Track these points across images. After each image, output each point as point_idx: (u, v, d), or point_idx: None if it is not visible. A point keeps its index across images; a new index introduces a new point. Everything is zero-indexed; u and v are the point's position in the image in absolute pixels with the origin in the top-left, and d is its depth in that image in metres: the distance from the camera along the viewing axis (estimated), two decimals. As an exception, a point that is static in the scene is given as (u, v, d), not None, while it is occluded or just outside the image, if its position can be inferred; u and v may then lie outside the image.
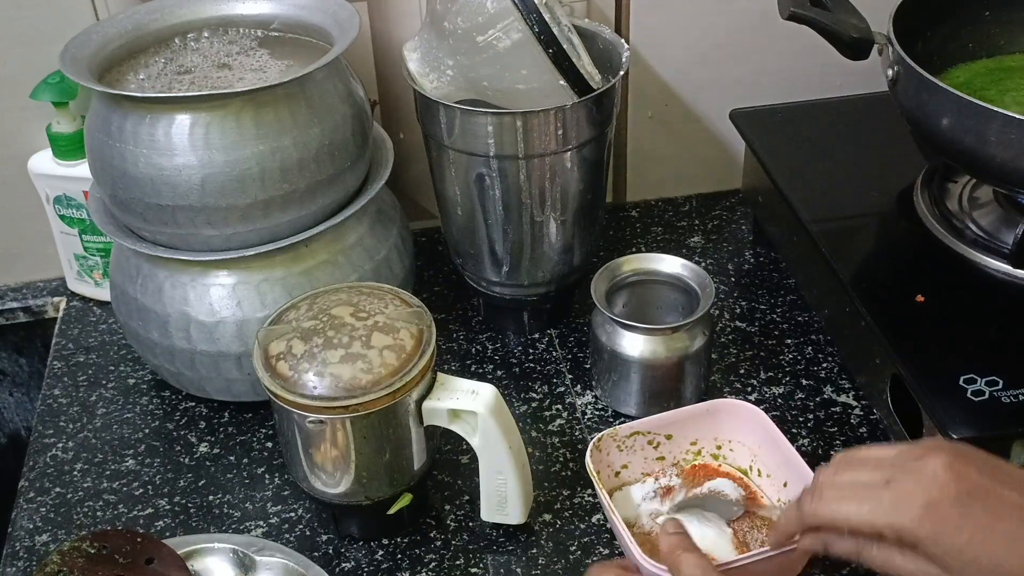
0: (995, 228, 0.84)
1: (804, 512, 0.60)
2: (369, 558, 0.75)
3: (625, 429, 0.76)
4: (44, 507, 0.80)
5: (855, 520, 0.56)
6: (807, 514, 0.59)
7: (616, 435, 0.76)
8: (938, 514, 0.53)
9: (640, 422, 0.77)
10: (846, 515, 0.57)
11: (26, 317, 1.02)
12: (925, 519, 0.53)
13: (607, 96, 0.82)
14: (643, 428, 0.77)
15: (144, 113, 0.75)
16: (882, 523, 0.55)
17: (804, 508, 0.60)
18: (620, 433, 0.76)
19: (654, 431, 0.77)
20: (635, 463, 0.77)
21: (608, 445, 0.76)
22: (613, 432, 0.76)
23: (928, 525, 0.53)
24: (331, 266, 0.82)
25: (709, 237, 1.05)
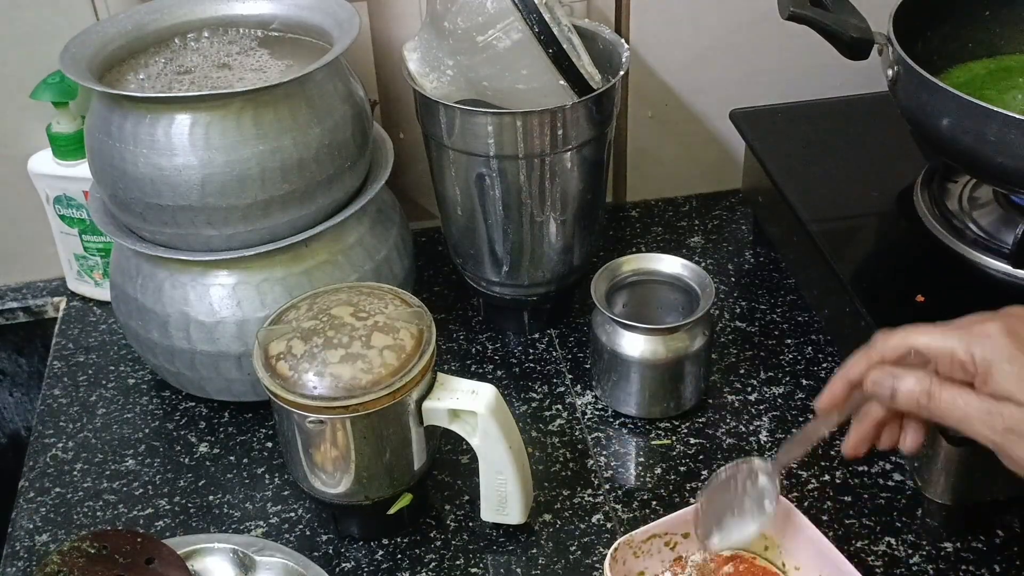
0: (995, 228, 0.84)
1: (874, 347, 0.59)
2: (369, 558, 0.75)
3: (641, 534, 0.71)
4: (44, 507, 0.80)
5: (934, 346, 0.56)
6: (877, 347, 0.59)
7: (632, 542, 0.71)
8: (1017, 338, 0.54)
9: (657, 525, 0.72)
10: (925, 341, 0.57)
11: (26, 317, 1.02)
12: (1005, 344, 0.54)
13: (607, 96, 0.82)
14: (660, 530, 0.72)
15: (144, 113, 0.75)
16: (960, 348, 0.55)
17: (873, 344, 0.59)
18: (636, 539, 0.71)
19: (671, 532, 0.72)
20: (652, 567, 0.72)
21: (624, 554, 0.71)
22: (629, 539, 0.71)
23: (1008, 348, 0.54)
24: (331, 266, 0.82)
25: (709, 237, 1.05)
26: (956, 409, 0.56)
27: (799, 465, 0.80)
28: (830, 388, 0.63)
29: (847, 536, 0.74)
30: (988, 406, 0.55)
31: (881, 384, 0.59)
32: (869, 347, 0.61)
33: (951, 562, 0.72)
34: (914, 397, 0.58)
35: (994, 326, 0.56)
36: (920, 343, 0.58)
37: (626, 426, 0.84)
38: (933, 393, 0.57)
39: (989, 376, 0.55)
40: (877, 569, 0.72)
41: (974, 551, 0.73)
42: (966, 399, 0.56)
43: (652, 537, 0.72)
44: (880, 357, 0.60)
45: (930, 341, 0.57)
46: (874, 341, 0.61)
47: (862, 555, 0.73)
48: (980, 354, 0.55)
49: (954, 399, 0.56)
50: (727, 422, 0.84)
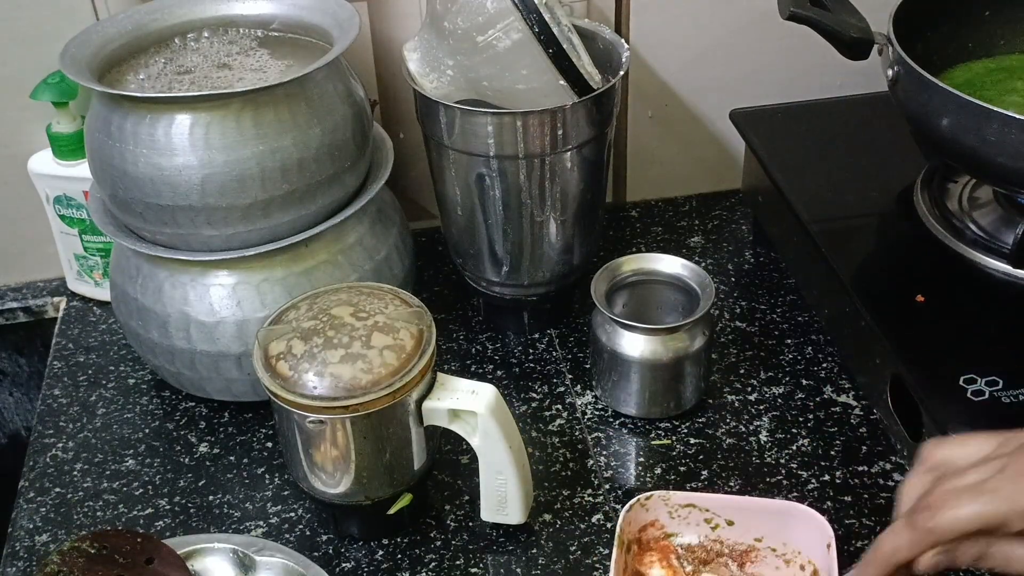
0: (995, 228, 0.84)
1: (921, 531, 0.56)
2: (369, 558, 0.75)
3: (680, 497, 0.71)
4: (44, 507, 0.80)
5: (984, 518, 0.54)
6: (926, 532, 0.56)
7: (668, 500, 0.70)
8: None
9: (700, 496, 0.71)
10: (970, 517, 0.54)
11: (26, 317, 1.02)
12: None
13: (607, 96, 0.82)
14: (702, 503, 0.71)
15: (144, 113, 0.75)
16: (1012, 512, 0.53)
17: (920, 526, 0.56)
18: (673, 500, 0.71)
19: (713, 510, 0.71)
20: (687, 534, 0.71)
21: (658, 506, 0.71)
22: (665, 496, 0.70)
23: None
24: (331, 266, 0.82)
25: (709, 237, 1.05)
26: (1017, 565, 0.55)
27: (798, 465, 0.80)
28: (871, 568, 0.60)
29: (847, 536, 0.74)
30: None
31: (940, 564, 0.57)
32: (913, 527, 0.57)
33: (951, 562, 0.72)
34: (972, 560, 0.56)
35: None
36: (972, 521, 0.54)
37: (626, 426, 0.84)
38: (989, 553, 0.55)
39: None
40: (877, 569, 0.72)
41: (974, 551, 0.73)
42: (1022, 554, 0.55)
43: (690, 506, 0.71)
44: (931, 544, 0.57)
45: (978, 515, 0.54)
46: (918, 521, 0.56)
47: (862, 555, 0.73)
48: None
49: (1013, 556, 0.55)
50: (727, 422, 0.84)
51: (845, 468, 0.79)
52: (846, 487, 0.78)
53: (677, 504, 0.71)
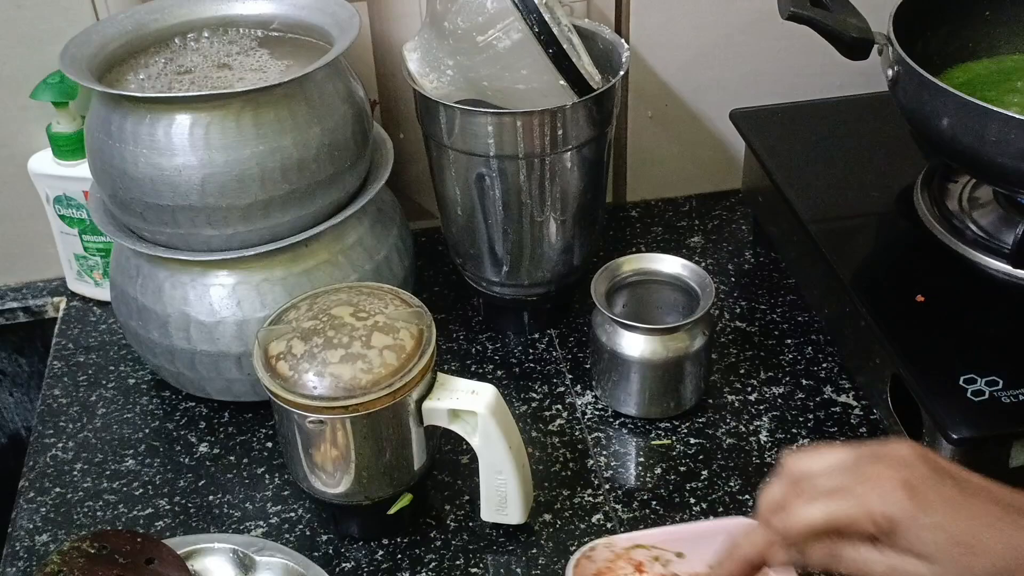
0: (995, 228, 0.84)
1: (773, 529, 0.58)
2: (369, 558, 0.75)
3: (624, 540, 0.67)
4: (44, 507, 0.80)
5: (833, 517, 0.55)
6: (778, 530, 0.58)
7: (613, 546, 0.66)
8: (914, 492, 0.53)
9: (644, 533, 0.67)
10: (822, 515, 0.56)
11: (26, 317, 1.02)
12: (902, 499, 0.53)
13: (607, 96, 0.82)
14: (648, 542, 0.67)
15: (144, 113, 0.75)
16: (860, 513, 0.54)
17: (773, 525, 0.58)
18: (617, 544, 0.66)
19: (660, 546, 0.67)
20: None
21: (603, 555, 0.66)
22: (609, 542, 0.66)
23: (906, 504, 0.53)
24: (331, 266, 0.82)
25: (709, 237, 1.05)
26: (868, 568, 0.55)
27: (799, 465, 0.80)
28: (728, 564, 0.61)
29: (847, 536, 0.74)
30: (892, 562, 0.54)
31: (790, 563, 0.59)
32: (768, 526, 0.59)
33: (951, 562, 0.72)
34: (823, 561, 0.57)
35: (889, 480, 0.54)
36: (818, 520, 0.56)
37: (626, 426, 0.84)
38: (841, 556, 0.56)
39: (894, 535, 0.54)
40: (877, 569, 0.72)
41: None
42: (869, 557, 0.55)
43: (636, 547, 0.67)
44: (785, 540, 0.58)
45: (827, 514, 0.56)
46: (762, 514, 0.59)
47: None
48: (880, 512, 0.54)
49: (862, 558, 0.55)
50: (727, 422, 0.84)
51: (845, 468, 0.79)
52: None
53: (623, 548, 0.67)
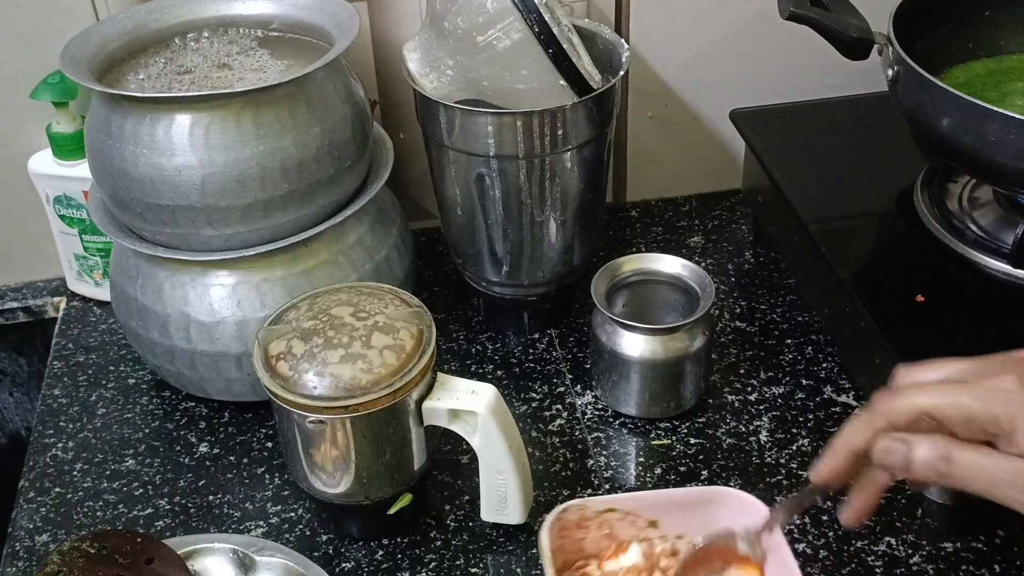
0: (995, 228, 0.84)
1: (875, 409, 0.52)
2: (369, 558, 0.75)
3: (598, 503, 0.64)
4: (44, 507, 0.80)
5: (946, 405, 0.50)
6: (880, 409, 0.52)
7: (585, 509, 0.64)
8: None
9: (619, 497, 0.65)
10: (937, 403, 0.50)
11: (26, 317, 1.02)
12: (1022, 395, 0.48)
13: (607, 96, 0.82)
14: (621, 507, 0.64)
15: (144, 113, 0.75)
16: (979, 407, 0.49)
17: (877, 407, 0.52)
18: (590, 508, 0.64)
19: (635, 511, 0.65)
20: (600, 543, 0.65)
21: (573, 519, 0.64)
22: (582, 505, 0.64)
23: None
24: (331, 266, 0.82)
25: (709, 237, 1.05)
26: (982, 473, 0.50)
27: (798, 465, 0.80)
28: (830, 458, 0.56)
29: (847, 536, 0.74)
30: (1019, 466, 0.49)
31: (893, 454, 0.53)
32: (871, 410, 0.54)
33: (951, 562, 0.72)
34: (931, 465, 0.51)
35: (1009, 379, 0.51)
36: (931, 406, 0.51)
37: (626, 426, 0.84)
38: (953, 458, 0.50)
39: (1015, 434, 0.49)
40: (877, 569, 0.72)
41: (974, 551, 0.73)
42: (993, 461, 0.49)
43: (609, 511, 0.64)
44: (887, 423, 0.53)
45: (943, 402, 0.51)
46: (876, 403, 0.54)
47: (862, 555, 0.73)
48: (1002, 413, 0.49)
49: (979, 463, 0.50)
50: (727, 422, 0.84)
51: (845, 468, 0.79)
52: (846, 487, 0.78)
53: (594, 511, 0.65)
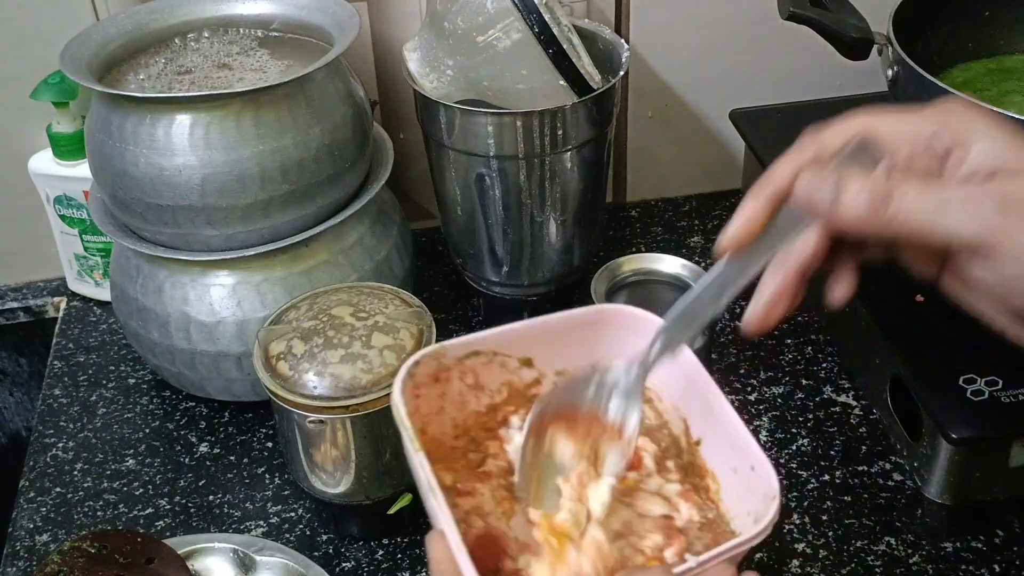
0: (995, 228, 0.84)
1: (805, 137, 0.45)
2: (369, 558, 0.75)
3: (458, 347, 0.52)
4: (44, 507, 0.80)
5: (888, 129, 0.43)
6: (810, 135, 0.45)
7: (443, 357, 0.51)
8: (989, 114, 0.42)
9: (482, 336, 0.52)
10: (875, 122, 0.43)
11: (26, 317, 1.02)
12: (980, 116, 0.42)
13: (607, 96, 0.82)
14: (486, 347, 0.52)
15: (144, 113, 0.75)
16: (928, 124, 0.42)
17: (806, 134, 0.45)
18: (449, 354, 0.52)
19: (504, 351, 0.53)
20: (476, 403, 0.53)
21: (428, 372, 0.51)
22: (438, 351, 0.51)
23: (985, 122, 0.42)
24: (331, 266, 0.82)
25: (709, 237, 1.05)
26: (926, 204, 0.41)
27: (798, 465, 0.80)
28: (745, 209, 0.46)
29: (847, 536, 0.74)
30: (968, 190, 0.41)
31: (819, 190, 0.43)
32: (798, 144, 0.45)
33: (951, 562, 0.72)
34: (865, 202, 0.42)
35: (956, 104, 0.43)
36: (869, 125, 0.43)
37: (626, 426, 0.84)
38: (893, 192, 0.41)
39: (966, 152, 0.42)
40: (877, 569, 0.72)
41: (974, 551, 0.73)
42: (938, 189, 0.41)
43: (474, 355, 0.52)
44: (815, 153, 0.44)
45: (883, 120, 0.43)
46: (805, 133, 0.46)
47: (862, 555, 0.73)
48: (951, 129, 0.42)
49: (922, 193, 0.41)
50: (727, 422, 0.84)
51: (845, 468, 0.79)
52: (846, 487, 0.78)
53: (455, 358, 0.52)
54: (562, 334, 0.54)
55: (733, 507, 0.50)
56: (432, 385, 0.52)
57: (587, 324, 0.54)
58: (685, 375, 0.52)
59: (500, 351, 0.53)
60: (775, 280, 0.47)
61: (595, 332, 0.54)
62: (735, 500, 0.50)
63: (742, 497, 0.49)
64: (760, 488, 0.47)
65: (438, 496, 0.45)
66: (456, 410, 0.53)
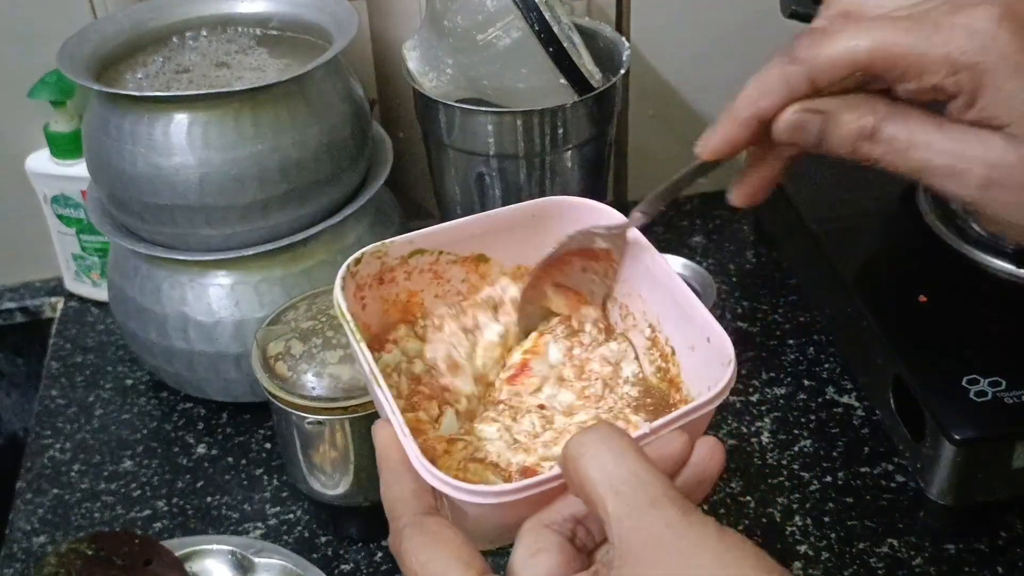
0: (998, 228, 0.84)
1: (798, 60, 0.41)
2: (368, 560, 0.75)
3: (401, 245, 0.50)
4: (41, 508, 0.79)
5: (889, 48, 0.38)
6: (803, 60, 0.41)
7: (385, 256, 0.50)
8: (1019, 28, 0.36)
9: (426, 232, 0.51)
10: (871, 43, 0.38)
11: (23, 317, 1.02)
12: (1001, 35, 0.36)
13: (607, 95, 0.82)
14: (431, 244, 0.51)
15: (142, 112, 0.75)
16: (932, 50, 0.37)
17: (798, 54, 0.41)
18: (391, 252, 0.50)
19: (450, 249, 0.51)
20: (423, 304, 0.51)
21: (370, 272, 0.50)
22: (380, 250, 0.50)
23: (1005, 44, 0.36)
24: (330, 266, 0.82)
25: (710, 237, 1.05)
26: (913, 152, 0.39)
27: (800, 466, 0.79)
28: (729, 124, 0.46)
29: (849, 537, 0.74)
30: (961, 146, 0.38)
31: (804, 130, 0.43)
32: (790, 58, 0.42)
33: (953, 563, 0.72)
34: (852, 140, 0.41)
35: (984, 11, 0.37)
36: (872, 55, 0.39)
37: (627, 427, 0.84)
38: (880, 131, 0.40)
39: (977, 94, 0.37)
40: (879, 571, 0.72)
41: (976, 552, 0.73)
42: (928, 138, 0.39)
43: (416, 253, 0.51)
44: (808, 84, 0.42)
45: (880, 43, 0.38)
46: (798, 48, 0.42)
47: (864, 556, 0.72)
48: (966, 58, 0.37)
49: (912, 137, 0.39)
50: (728, 423, 0.84)
51: (847, 469, 0.79)
52: (848, 488, 0.77)
53: (398, 256, 0.51)
54: (511, 228, 0.53)
55: (695, 386, 0.50)
56: (376, 287, 0.51)
57: (540, 217, 0.53)
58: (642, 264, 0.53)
59: (447, 249, 0.52)
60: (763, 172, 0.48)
61: (547, 226, 0.52)
62: (696, 377, 0.49)
63: (701, 373, 0.48)
64: (716, 359, 0.46)
65: (382, 385, 0.45)
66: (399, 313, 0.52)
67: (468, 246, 0.53)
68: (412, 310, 0.53)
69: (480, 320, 0.53)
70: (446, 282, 0.53)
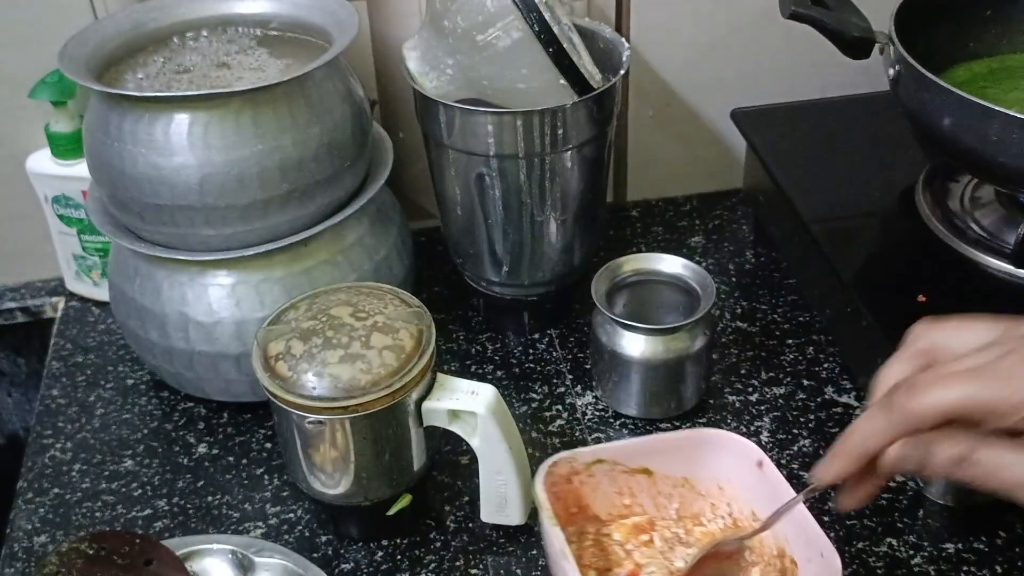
0: (997, 228, 0.84)
1: (897, 411, 0.48)
2: (368, 559, 0.75)
3: (587, 454, 0.66)
4: (42, 508, 0.79)
5: (972, 401, 0.45)
6: (903, 412, 0.47)
7: (575, 461, 0.66)
8: None
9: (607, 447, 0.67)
10: (958, 398, 0.45)
11: (24, 317, 1.02)
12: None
13: (607, 95, 0.82)
14: (609, 456, 0.66)
15: (142, 112, 0.75)
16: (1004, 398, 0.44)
17: (897, 406, 0.48)
18: (579, 459, 0.66)
19: (624, 461, 0.67)
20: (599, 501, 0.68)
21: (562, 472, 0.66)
22: (572, 456, 0.66)
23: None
24: (330, 266, 0.82)
25: (710, 237, 1.05)
26: (1004, 473, 0.46)
27: (799, 466, 0.79)
28: (841, 460, 0.52)
29: (849, 537, 0.74)
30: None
31: (908, 461, 0.49)
32: (890, 410, 0.49)
33: (953, 563, 0.72)
34: (948, 466, 0.48)
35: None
36: (959, 406, 0.46)
37: (627, 427, 0.84)
38: (973, 459, 0.46)
39: None
40: (879, 570, 0.72)
41: (976, 552, 0.73)
42: (1012, 458, 0.45)
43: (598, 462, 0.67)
44: (908, 429, 0.49)
45: (965, 397, 0.46)
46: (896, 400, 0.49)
47: (863, 556, 0.73)
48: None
49: (1000, 461, 0.46)
50: (728, 423, 0.84)
51: (846, 469, 0.79)
52: (847, 488, 0.77)
53: (584, 463, 0.67)
54: (673, 450, 0.68)
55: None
56: (564, 484, 0.66)
57: (696, 443, 0.68)
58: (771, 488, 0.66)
59: (621, 461, 0.67)
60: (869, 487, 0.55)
61: (701, 450, 0.68)
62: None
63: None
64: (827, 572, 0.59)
65: (570, 560, 0.60)
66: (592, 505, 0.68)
67: (638, 459, 0.68)
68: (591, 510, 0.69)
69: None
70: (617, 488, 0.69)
